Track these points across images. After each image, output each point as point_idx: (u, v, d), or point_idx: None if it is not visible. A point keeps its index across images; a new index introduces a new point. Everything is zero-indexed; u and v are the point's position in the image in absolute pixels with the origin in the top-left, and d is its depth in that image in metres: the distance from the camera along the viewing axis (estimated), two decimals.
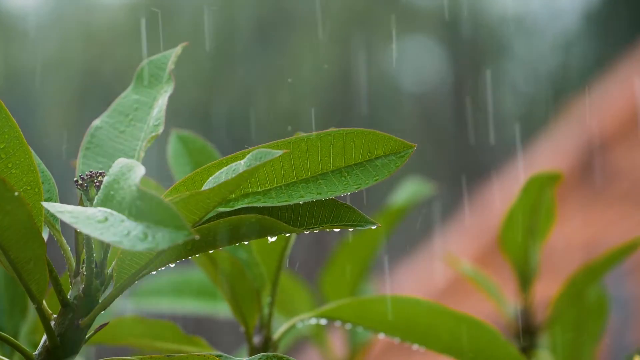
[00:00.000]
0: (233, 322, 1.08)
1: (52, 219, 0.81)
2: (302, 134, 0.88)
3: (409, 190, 1.67)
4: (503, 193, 3.33)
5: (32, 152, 0.79)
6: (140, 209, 0.66)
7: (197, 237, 0.62)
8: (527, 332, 1.48)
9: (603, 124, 3.36)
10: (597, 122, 3.38)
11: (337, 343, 1.66)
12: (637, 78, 3.43)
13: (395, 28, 5.54)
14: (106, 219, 0.66)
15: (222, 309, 1.47)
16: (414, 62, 5.71)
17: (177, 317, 1.39)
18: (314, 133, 0.79)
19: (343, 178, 0.79)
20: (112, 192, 0.70)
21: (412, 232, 4.13)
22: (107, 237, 0.64)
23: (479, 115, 5.11)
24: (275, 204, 0.78)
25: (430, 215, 4.33)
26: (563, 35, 5.40)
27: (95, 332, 0.79)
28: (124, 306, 1.47)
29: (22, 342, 1.06)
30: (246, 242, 0.77)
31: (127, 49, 5.43)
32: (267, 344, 1.06)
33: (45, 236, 0.79)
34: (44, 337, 0.78)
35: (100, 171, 0.78)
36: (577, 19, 5.42)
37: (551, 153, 3.46)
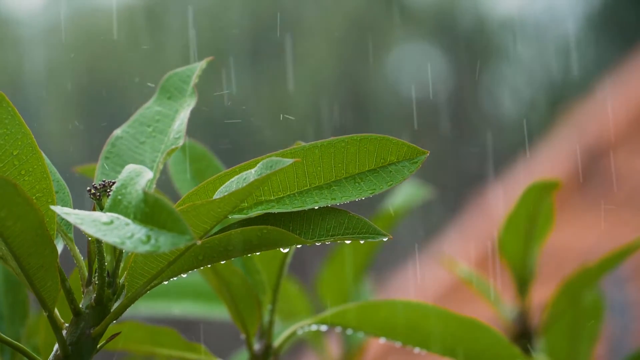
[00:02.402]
0: (231, 325, 1.08)
1: (65, 228, 0.81)
2: (302, 143, 0.88)
3: (406, 194, 1.68)
4: (503, 197, 3.33)
5: (47, 160, 0.79)
6: (145, 212, 0.66)
7: (198, 242, 0.63)
8: (524, 336, 1.49)
9: (604, 129, 3.36)
10: (597, 127, 3.38)
11: (332, 344, 1.66)
12: (638, 83, 3.44)
13: (395, 33, 5.55)
14: (112, 222, 0.67)
15: (217, 311, 1.46)
16: (414, 66, 5.71)
17: (175, 322, 1.39)
18: (327, 139, 0.79)
19: (357, 184, 0.79)
20: (119, 197, 0.70)
21: (412, 236, 4.13)
22: (110, 238, 0.65)
23: (479, 120, 5.11)
24: (289, 209, 0.78)
25: (430, 219, 4.33)
26: (563, 39, 5.40)
27: (107, 341, 0.79)
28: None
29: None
30: (258, 253, 0.77)
31: (128, 54, 5.43)
32: (267, 352, 1.06)
33: (59, 246, 0.79)
34: (56, 345, 0.77)
35: (112, 181, 0.78)
36: (577, 24, 5.42)
37: (551, 158, 3.46)
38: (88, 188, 0.78)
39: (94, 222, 0.66)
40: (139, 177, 0.70)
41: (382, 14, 5.70)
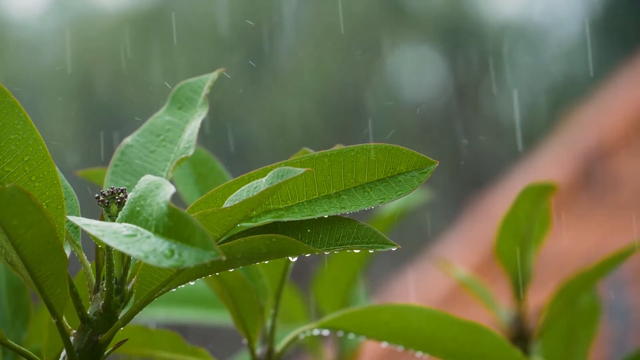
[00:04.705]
0: (233, 330, 1.08)
1: (73, 235, 0.81)
2: (308, 150, 0.88)
3: (404, 197, 1.67)
4: (503, 201, 3.33)
5: (56, 167, 0.79)
6: (169, 226, 0.66)
7: (223, 258, 0.62)
8: (520, 339, 1.49)
9: (604, 132, 3.36)
10: (597, 131, 3.39)
11: (328, 347, 1.67)
12: (638, 87, 3.44)
13: (396, 37, 5.55)
14: (134, 235, 0.67)
15: (218, 317, 1.46)
16: (415, 70, 5.72)
17: (178, 327, 1.39)
18: (336, 149, 0.79)
19: (366, 194, 0.79)
20: (138, 209, 0.70)
21: (411, 240, 4.13)
22: (133, 252, 0.65)
23: (479, 124, 5.11)
24: (299, 218, 0.78)
25: (430, 223, 4.33)
26: (564, 43, 5.40)
27: (114, 348, 0.79)
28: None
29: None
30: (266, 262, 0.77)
31: (128, 59, 5.43)
32: (270, 356, 1.06)
33: (67, 252, 0.79)
34: (63, 352, 0.78)
35: (121, 188, 0.78)
36: (578, 28, 5.43)
37: (552, 161, 3.46)
38: (96, 195, 0.78)
39: (115, 235, 0.66)
40: (158, 189, 0.70)
41: (383, 16, 5.70)
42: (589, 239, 3.22)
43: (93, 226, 0.67)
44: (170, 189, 0.69)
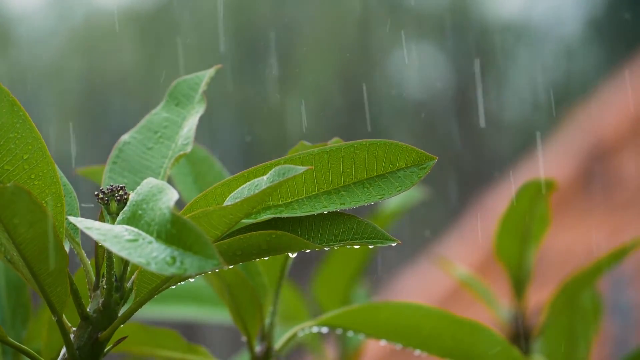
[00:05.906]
0: (232, 328, 1.08)
1: (72, 232, 0.81)
2: (306, 143, 0.88)
3: (402, 195, 1.67)
4: (504, 200, 3.33)
5: (55, 165, 0.79)
6: (171, 233, 0.66)
7: (226, 267, 0.62)
8: (521, 337, 1.49)
9: (606, 131, 3.36)
10: (599, 130, 3.39)
11: (329, 347, 1.67)
12: (638, 86, 3.44)
13: (398, 35, 5.55)
14: (136, 239, 0.66)
15: (218, 314, 1.46)
16: (417, 68, 5.72)
17: (178, 325, 1.39)
18: (335, 145, 0.79)
19: (365, 190, 0.79)
20: (140, 212, 0.69)
21: (412, 238, 4.13)
22: (134, 258, 0.64)
23: (480, 122, 5.11)
24: (299, 214, 0.78)
25: (430, 221, 4.33)
26: (566, 42, 5.40)
27: (114, 345, 0.79)
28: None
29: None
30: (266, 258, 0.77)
31: (128, 57, 5.43)
32: (269, 354, 1.06)
33: (66, 249, 0.79)
34: (63, 349, 0.78)
35: (120, 185, 0.78)
36: (580, 26, 5.43)
37: (553, 160, 3.46)
38: (96, 193, 0.78)
39: (117, 239, 0.66)
40: (161, 193, 0.69)
41: (384, 15, 5.70)
42: (590, 237, 3.22)
43: (95, 229, 0.67)
44: (173, 195, 0.68)
